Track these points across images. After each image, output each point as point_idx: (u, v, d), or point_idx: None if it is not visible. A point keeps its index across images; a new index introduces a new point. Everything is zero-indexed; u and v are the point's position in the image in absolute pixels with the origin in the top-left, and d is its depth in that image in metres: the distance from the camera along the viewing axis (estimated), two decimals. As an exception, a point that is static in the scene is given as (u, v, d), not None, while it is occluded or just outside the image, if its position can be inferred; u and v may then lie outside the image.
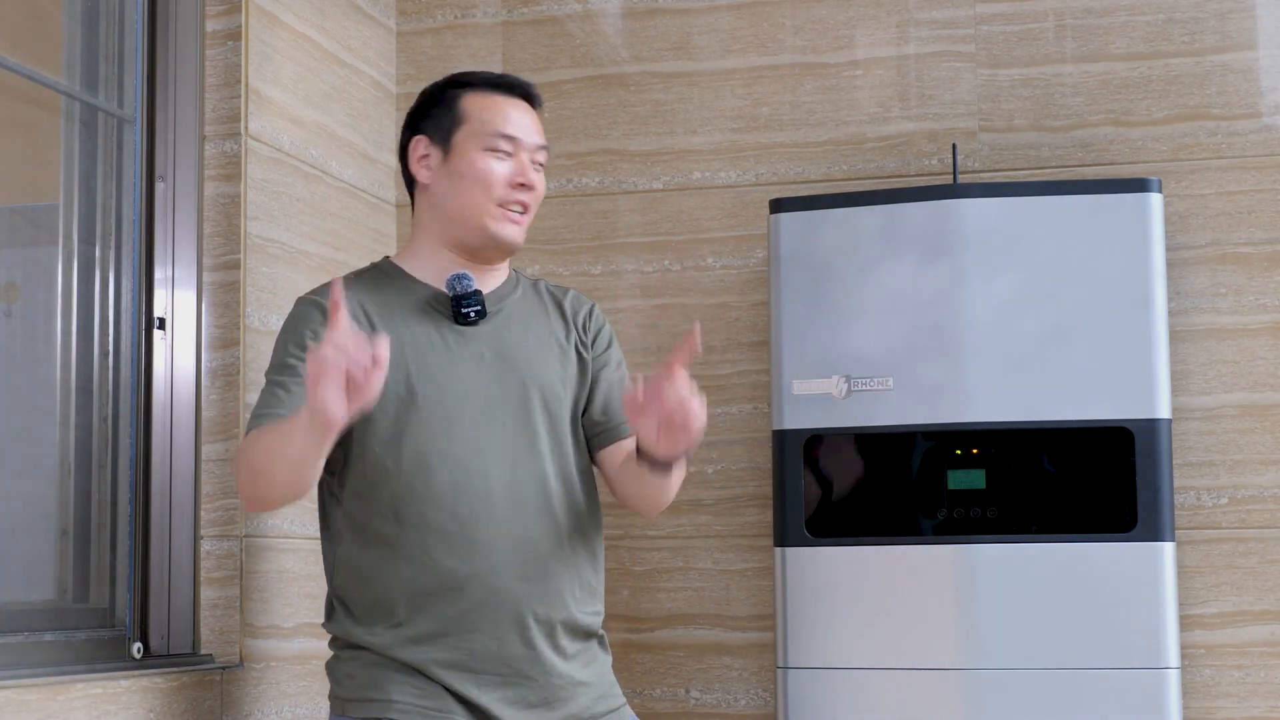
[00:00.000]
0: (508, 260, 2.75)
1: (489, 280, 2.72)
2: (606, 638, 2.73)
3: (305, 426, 2.33)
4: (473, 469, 2.56)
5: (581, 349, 2.73)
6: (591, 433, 2.72)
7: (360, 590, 2.59)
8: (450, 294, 2.64)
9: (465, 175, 2.65)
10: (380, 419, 2.56)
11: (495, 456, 2.58)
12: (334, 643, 2.65)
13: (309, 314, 2.61)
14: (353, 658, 2.60)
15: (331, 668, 2.64)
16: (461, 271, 2.65)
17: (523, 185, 2.65)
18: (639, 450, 2.54)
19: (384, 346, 2.27)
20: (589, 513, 2.68)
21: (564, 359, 2.70)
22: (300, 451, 2.38)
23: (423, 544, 2.55)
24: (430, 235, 2.70)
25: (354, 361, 2.25)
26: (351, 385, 2.26)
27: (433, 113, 2.70)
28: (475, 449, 2.58)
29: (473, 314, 2.62)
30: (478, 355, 2.62)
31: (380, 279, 2.69)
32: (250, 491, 2.52)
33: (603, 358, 2.75)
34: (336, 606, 2.63)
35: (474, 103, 2.69)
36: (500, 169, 2.65)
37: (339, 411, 2.26)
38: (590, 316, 2.77)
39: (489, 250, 2.68)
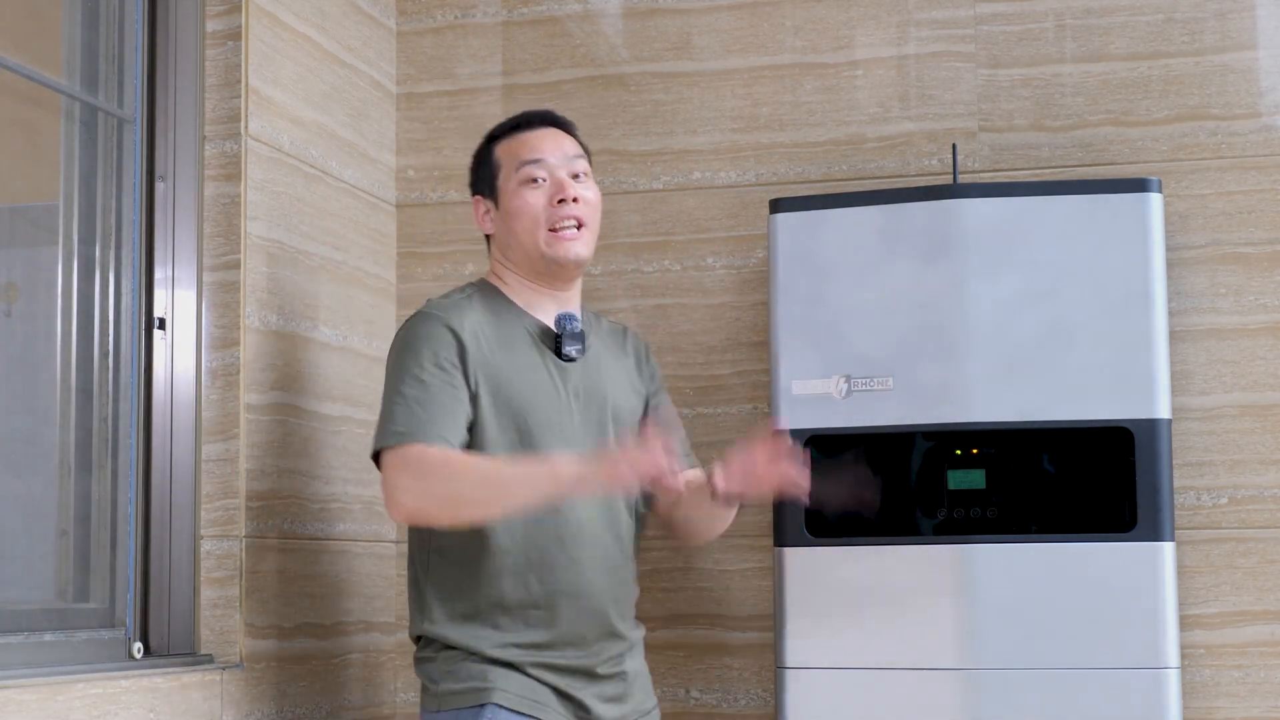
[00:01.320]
0: (578, 292, 2.88)
1: (575, 310, 2.86)
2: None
3: (548, 484, 2.58)
4: (574, 499, 2.71)
5: (643, 386, 2.93)
6: None
7: (460, 598, 2.73)
8: (559, 332, 2.80)
9: (514, 214, 2.81)
10: (494, 448, 2.72)
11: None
12: (428, 644, 2.77)
13: (443, 337, 2.74)
14: (451, 656, 2.73)
15: (426, 667, 2.76)
16: (571, 312, 2.82)
17: (563, 201, 2.79)
18: (713, 491, 2.74)
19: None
20: (638, 539, 2.91)
21: (637, 400, 2.90)
22: (526, 504, 2.62)
23: (526, 562, 2.71)
24: (510, 272, 2.85)
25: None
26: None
27: (480, 172, 2.89)
28: None
29: (574, 353, 2.79)
30: (575, 392, 2.79)
31: (493, 303, 2.83)
32: (429, 511, 2.67)
33: (657, 397, 2.96)
34: (434, 609, 2.75)
35: (503, 148, 2.87)
36: (538, 197, 2.80)
37: (633, 487, 2.60)
38: (648, 357, 2.98)
39: (559, 273, 2.81)
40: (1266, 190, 3.35)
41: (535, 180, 2.80)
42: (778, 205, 3.29)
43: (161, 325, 3.00)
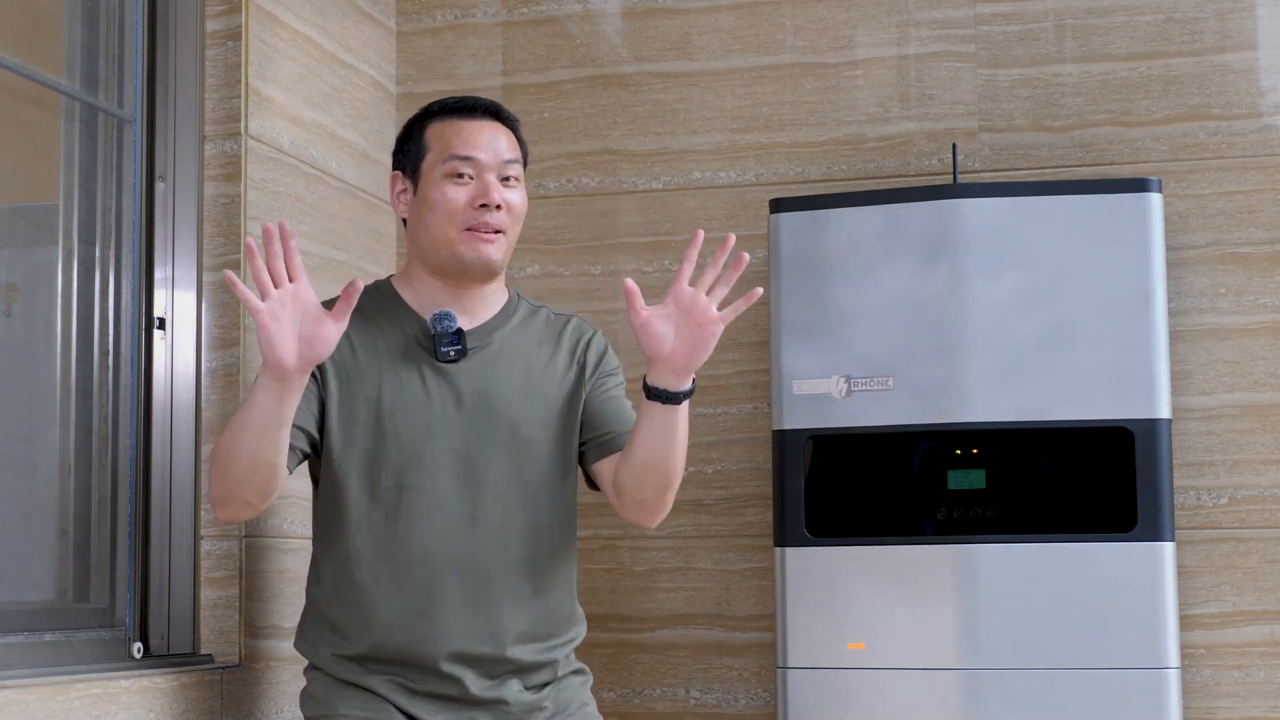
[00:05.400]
0: (501, 282, 2.75)
1: (482, 308, 2.72)
2: (569, 662, 2.75)
3: (263, 384, 2.39)
4: (432, 508, 2.62)
5: (580, 382, 2.74)
6: (589, 447, 2.73)
7: (323, 611, 2.69)
8: (431, 333, 2.66)
9: (429, 206, 2.67)
10: (349, 451, 2.64)
11: (459, 496, 2.63)
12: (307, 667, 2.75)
13: None
14: (311, 678, 2.71)
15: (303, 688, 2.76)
16: (444, 311, 2.67)
17: (485, 206, 2.65)
18: (647, 390, 2.53)
19: (356, 286, 2.34)
20: (561, 551, 2.71)
21: (555, 399, 2.71)
22: (260, 415, 2.41)
23: (376, 577, 2.62)
24: (416, 263, 2.73)
25: (304, 314, 2.34)
26: (302, 337, 2.34)
27: (406, 147, 2.74)
28: (438, 489, 2.63)
29: (452, 353, 2.65)
30: (455, 395, 2.65)
31: (375, 305, 2.70)
32: (220, 489, 2.51)
33: (599, 382, 2.75)
34: (305, 621, 2.74)
35: (436, 130, 2.71)
36: (460, 195, 2.65)
37: (288, 355, 2.33)
38: (589, 347, 2.77)
39: (466, 274, 2.68)
40: (1266, 190, 3.35)
41: (461, 176, 2.66)
42: (778, 205, 3.29)
43: (161, 325, 3.00)
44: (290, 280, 2.35)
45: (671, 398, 2.53)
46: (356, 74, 3.53)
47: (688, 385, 2.54)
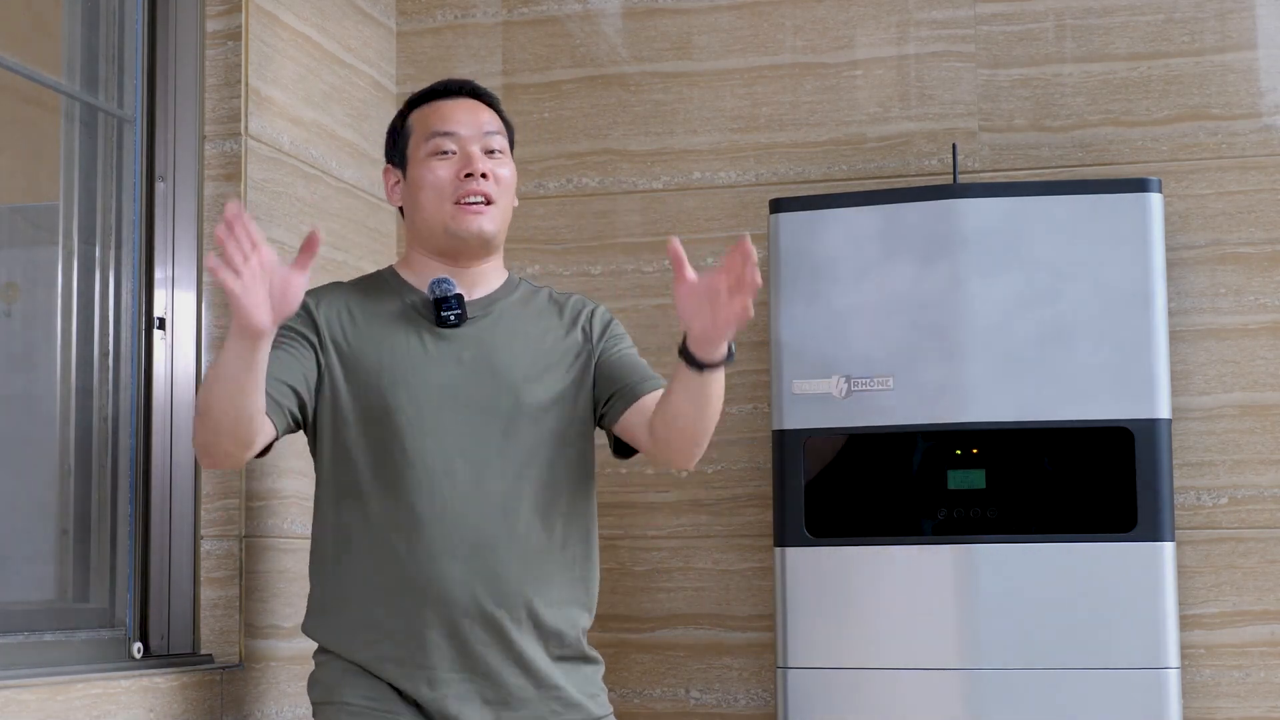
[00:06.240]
0: (500, 262, 2.77)
1: (481, 284, 2.74)
2: (584, 645, 2.72)
3: (232, 348, 2.35)
4: (437, 470, 2.61)
5: (586, 346, 2.73)
6: (610, 404, 2.70)
7: (328, 588, 2.67)
8: (430, 297, 2.68)
9: (419, 185, 2.70)
10: (351, 419, 2.63)
11: (464, 458, 2.62)
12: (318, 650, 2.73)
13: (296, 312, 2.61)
14: (320, 662, 2.69)
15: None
16: (443, 276, 2.70)
17: (470, 175, 2.67)
18: (684, 354, 2.50)
19: (317, 237, 2.31)
20: (572, 517, 2.69)
21: (560, 363, 2.71)
22: (231, 374, 2.38)
23: (387, 543, 2.61)
24: (414, 249, 2.76)
25: (271, 273, 2.30)
26: (272, 295, 2.30)
27: (392, 141, 2.79)
28: (442, 451, 2.62)
29: (452, 317, 2.66)
30: (456, 358, 2.65)
31: (375, 284, 2.75)
32: (200, 438, 2.49)
33: (607, 345, 2.74)
34: (312, 603, 2.71)
35: (418, 116, 2.76)
36: (445, 170, 2.68)
37: (262, 317, 2.30)
38: (593, 317, 2.77)
39: (463, 249, 2.69)
40: (1266, 190, 3.35)
41: (444, 152, 2.69)
42: (778, 205, 3.29)
43: (161, 325, 3.00)
44: (252, 247, 2.31)
45: (702, 365, 2.50)
46: (356, 74, 3.53)
47: (720, 354, 2.50)
